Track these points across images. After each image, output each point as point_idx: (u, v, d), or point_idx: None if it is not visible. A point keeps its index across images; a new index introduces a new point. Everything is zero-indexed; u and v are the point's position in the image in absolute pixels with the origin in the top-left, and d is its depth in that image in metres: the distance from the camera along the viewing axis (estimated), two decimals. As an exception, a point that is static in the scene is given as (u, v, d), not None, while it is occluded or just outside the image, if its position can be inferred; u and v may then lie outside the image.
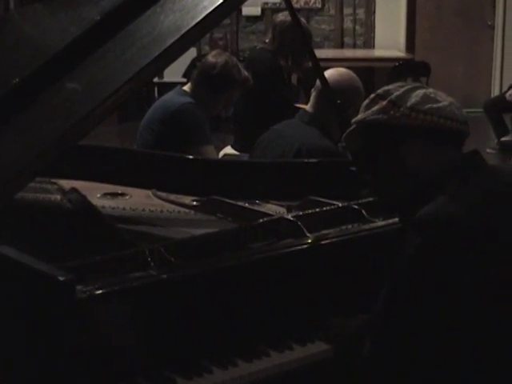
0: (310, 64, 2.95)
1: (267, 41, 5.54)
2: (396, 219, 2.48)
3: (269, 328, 2.17)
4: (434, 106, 2.03)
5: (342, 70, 3.52)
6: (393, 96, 2.06)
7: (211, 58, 4.18)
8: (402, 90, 2.07)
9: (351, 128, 2.15)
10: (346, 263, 2.34)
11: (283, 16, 5.64)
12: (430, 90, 2.09)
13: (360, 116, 2.11)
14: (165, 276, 2.05)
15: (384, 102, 2.06)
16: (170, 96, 4.21)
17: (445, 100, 2.06)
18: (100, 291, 1.94)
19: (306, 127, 3.49)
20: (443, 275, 1.90)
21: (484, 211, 1.95)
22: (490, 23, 9.71)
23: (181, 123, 4.02)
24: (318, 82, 3.40)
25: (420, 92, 2.06)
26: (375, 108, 2.07)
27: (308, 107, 3.57)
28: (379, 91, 2.11)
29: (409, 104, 2.04)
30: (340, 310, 2.26)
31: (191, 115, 4.05)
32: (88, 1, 2.58)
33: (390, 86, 2.11)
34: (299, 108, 5.40)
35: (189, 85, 4.24)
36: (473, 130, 2.11)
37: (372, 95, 2.11)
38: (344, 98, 3.05)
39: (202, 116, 4.09)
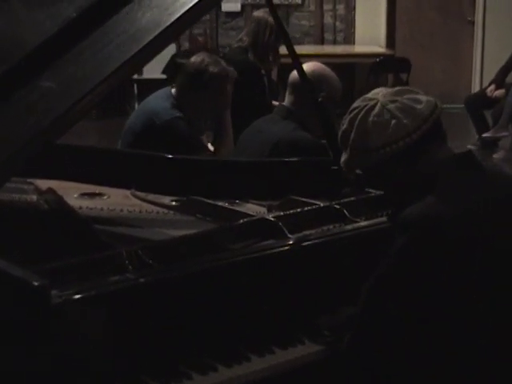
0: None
1: (244, 38, 5.55)
2: (378, 219, 2.47)
3: (250, 331, 2.13)
4: (387, 138, 2.02)
5: (317, 63, 3.55)
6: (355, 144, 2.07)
7: (191, 59, 4.16)
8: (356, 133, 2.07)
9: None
10: (328, 264, 2.31)
11: (259, 12, 5.68)
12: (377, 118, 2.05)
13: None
14: (142, 280, 2.00)
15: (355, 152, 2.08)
16: (155, 102, 4.10)
17: (393, 118, 2.03)
18: (76, 296, 1.89)
19: (283, 121, 3.50)
20: (425, 275, 1.92)
21: (472, 213, 1.94)
22: (470, 19, 9.71)
23: (166, 142, 3.89)
24: (291, 76, 3.41)
25: (368, 127, 2.05)
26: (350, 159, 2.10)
27: (285, 102, 3.60)
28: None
29: (371, 145, 2.03)
30: (322, 311, 2.23)
31: (177, 132, 3.94)
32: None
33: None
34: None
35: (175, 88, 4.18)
36: (453, 126, 2.11)
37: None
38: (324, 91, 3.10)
39: (188, 132, 3.99)
